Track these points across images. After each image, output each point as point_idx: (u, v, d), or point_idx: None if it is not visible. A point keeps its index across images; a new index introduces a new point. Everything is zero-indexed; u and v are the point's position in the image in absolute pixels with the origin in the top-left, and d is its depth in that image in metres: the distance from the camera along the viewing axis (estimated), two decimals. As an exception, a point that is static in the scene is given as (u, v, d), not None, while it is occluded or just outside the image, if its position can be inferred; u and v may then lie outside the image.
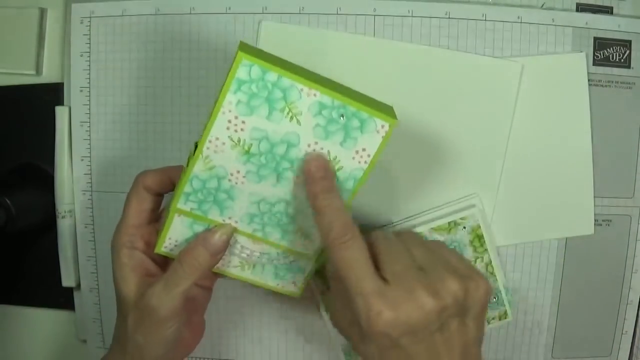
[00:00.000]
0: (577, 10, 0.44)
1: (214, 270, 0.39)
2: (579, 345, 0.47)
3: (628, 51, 0.44)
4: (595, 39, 0.44)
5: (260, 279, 0.40)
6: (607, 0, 0.44)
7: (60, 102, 0.47)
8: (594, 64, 0.44)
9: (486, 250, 0.44)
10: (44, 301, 0.50)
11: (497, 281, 0.45)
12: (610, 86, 0.44)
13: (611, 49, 0.44)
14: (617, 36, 0.44)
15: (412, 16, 0.44)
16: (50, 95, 0.47)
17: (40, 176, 0.48)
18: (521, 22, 0.44)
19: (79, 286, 0.49)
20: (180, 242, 0.37)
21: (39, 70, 0.48)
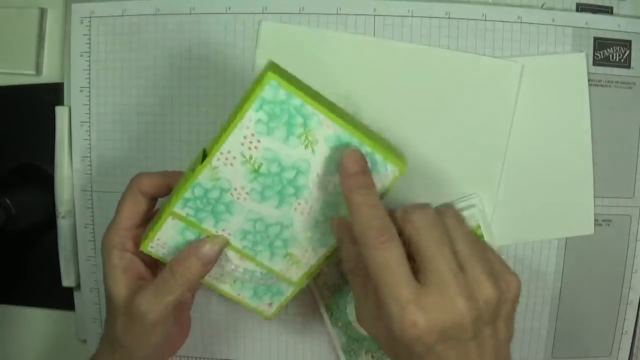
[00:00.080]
0: (577, 10, 0.44)
1: None
2: (579, 345, 0.47)
3: (628, 51, 0.44)
4: (595, 39, 0.44)
5: (237, 294, 0.40)
6: (607, 0, 0.44)
7: (60, 102, 0.47)
8: (594, 64, 0.44)
9: (486, 250, 0.44)
10: (44, 301, 0.50)
11: (497, 281, 0.45)
12: (610, 86, 0.44)
13: (611, 49, 0.44)
14: (617, 36, 0.44)
15: (412, 16, 0.44)
16: (50, 95, 0.47)
17: (40, 176, 0.48)
18: (521, 22, 0.44)
19: (79, 286, 0.49)
20: (167, 245, 0.37)
21: (39, 70, 0.48)
